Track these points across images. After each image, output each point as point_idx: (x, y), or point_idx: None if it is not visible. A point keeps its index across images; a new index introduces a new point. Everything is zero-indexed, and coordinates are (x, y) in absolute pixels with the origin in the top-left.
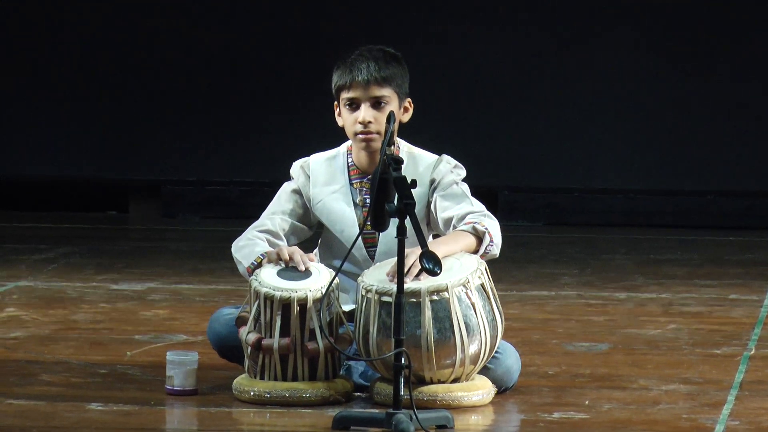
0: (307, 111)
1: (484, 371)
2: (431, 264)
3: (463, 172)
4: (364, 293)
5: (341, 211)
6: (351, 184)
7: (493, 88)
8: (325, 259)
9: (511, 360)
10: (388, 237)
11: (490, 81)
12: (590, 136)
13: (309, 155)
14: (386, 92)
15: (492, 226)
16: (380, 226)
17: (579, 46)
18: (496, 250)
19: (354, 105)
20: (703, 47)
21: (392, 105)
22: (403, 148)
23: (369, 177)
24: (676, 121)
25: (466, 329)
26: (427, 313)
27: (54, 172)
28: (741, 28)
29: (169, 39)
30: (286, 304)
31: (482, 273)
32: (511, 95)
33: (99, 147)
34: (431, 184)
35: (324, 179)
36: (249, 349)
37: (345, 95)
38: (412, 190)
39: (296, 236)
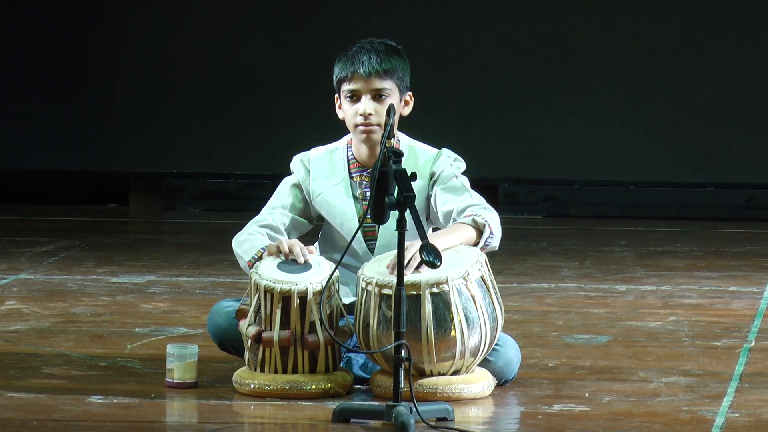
0: (307, 104)
1: (484, 363)
2: (431, 256)
3: (463, 166)
4: (364, 286)
5: (341, 204)
6: (351, 177)
7: (494, 82)
8: (325, 252)
9: (511, 352)
10: (387, 230)
11: (490, 74)
12: (590, 129)
13: (309, 149)
14: (387, 85)
15: (492, 218)
16: (380, 218)
17: (579, 39)
18: (496, 243)
19: (355, 97)
20: (703, 40)
21: (393, 98)
22: (404, 142)
23: (369, 170)
24: (675, 113)
25: (466, 322)
26: (427, 306)
27: (54, 165)
28: (741, 21)
29: (168, 33)
30: (286, 297)
31: (482, 265)
32: (511, 88)
33: (99, 140)
34: (431, 178)
35: (324, 172)
36: (249, 341)
37: (346, 87)
38: (412, 183)
39: (297, 230)
